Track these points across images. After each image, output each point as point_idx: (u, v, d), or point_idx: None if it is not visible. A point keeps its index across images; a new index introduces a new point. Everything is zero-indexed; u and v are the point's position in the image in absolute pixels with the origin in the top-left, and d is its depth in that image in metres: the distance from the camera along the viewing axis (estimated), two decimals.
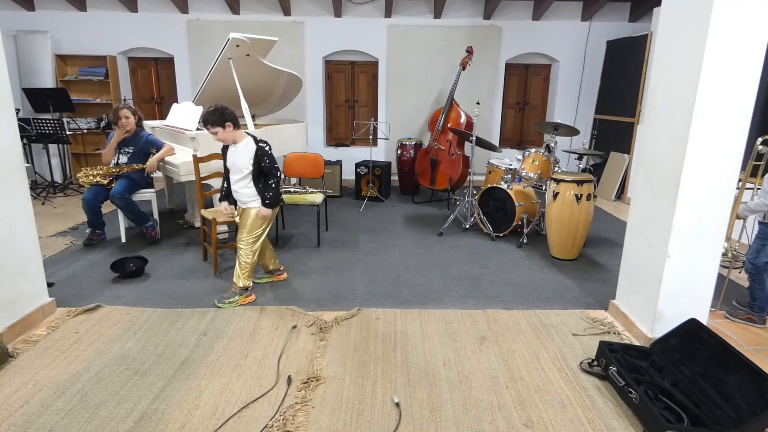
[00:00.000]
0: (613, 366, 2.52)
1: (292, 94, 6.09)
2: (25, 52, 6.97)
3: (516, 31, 7.36)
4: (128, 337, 2.96)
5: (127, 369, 2.64)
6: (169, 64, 7.56)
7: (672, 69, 2.77)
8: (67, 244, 4.61)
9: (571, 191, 4.27)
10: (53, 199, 6.31)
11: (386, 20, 7.27)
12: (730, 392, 2.24)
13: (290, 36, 7.23)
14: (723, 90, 2.54)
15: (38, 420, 2.23)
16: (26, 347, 2.84)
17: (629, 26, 7.32)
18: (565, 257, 4.43)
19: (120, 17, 7.20)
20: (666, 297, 2.86)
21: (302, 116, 7.44)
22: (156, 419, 2.25)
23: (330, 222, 5.47)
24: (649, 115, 2.99)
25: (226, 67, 4.92)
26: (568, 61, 7.52)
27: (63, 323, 3.12)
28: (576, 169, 5.11)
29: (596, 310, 3.45)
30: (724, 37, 2.48)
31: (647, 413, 2.20)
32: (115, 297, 3.51)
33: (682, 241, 2.76)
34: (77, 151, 7.45)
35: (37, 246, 3.16)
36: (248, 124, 4.95)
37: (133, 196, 4.58)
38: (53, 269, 3.96)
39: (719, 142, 2.61)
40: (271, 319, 3.23)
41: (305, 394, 2.45)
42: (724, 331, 3.17)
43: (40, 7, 7.11)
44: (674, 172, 2.71)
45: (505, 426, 2.26)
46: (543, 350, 2.91)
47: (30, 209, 3.10)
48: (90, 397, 2.39)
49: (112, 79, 7.24)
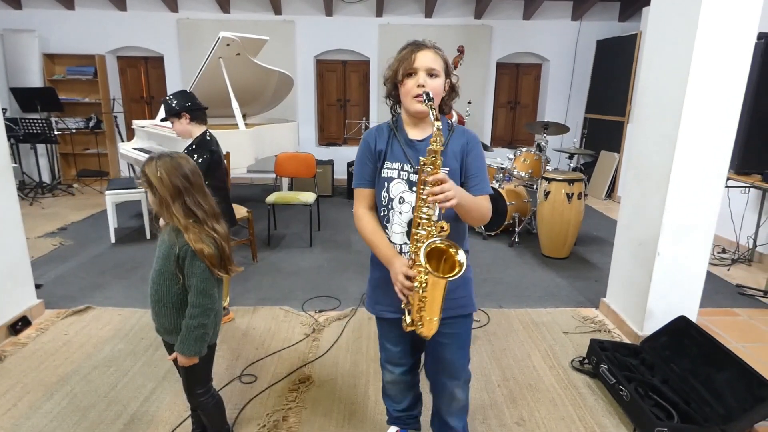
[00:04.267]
0: (604, 364, 2.53)
1: (283, 93, 6.06)
2: (12, 51, 6.88)
3: (507, 31, 7.38)
4: (118, 339, 2.94)
5: (117, 371, 2.62)
6: (159, 63, 7.50)
7: (661, 68, 2.79)
8: (55, 245, 4.56)
9: (562, 190, 4.29)
10: (41, 200, 6.25)
11: (377, 19, 7.26)
12: (719, 389, 2.26)
13: (281, 35, 7.20)
14: (712, 89, 2.56)
15: (26, 423, 2.20)
16: (14, 349, 2.81)
17: (619, 26, 7.36)
18: (557, 256, 4.45)
19: (109, 16, 7.13)
20: (656, 295, 2.88)
21: (293, 116, 7.40)
22: (146, 422, 2.23)
23: (322, 222, 5.46)
24: (639, 114, 3.01)
25: (216, 66, 4.88)
26: (558, 60, 7.56)
27: (52, 325, 3.09)
28: (567, 168, 5.14)
29: (587, 309, 3.47)
30: (713, 37, 2.49)
31: (638, 410, 2.21)
32: (105, 298, 3.48)
33: (671, 240, 2.78)
34: (66, 151, 7.37)
35: (24, 247, 3.13)
36: (239, 123, 4.92)
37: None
38: (41, 270, 3.91)
39: (708, 140, 2.63)
40: (263, 319, 3.22)
41: (297, 395, 2.44)
42: (713, 329, 3.20)
43: (27, 6, 7.02)
44: (664, 171, 2.73)
45: (497, 424, 2.26)
46: (534, 349, 2.92)
47: (17, 210, 3.06)
48: (79, 400, 2.37)
49: (101, 79, 7.17)
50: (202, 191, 1.75)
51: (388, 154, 1.64)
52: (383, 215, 1.66)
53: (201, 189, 1.74)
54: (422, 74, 1.52)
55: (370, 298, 1.82)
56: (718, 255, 4.54)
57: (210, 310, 1.73)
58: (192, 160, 1.77)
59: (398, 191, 1.62)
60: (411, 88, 1.53)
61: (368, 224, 1.67)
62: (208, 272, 1.70)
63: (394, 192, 1.62)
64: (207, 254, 1.67)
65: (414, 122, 1.64)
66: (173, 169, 1.67)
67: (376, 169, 1.66)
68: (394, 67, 1.59)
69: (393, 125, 1.67)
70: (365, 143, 1.68)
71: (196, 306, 1.71)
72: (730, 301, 3.64)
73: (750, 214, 4.49)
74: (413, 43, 1.58)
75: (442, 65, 1.56)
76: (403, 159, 1.60)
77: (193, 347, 1.73)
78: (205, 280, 1.70)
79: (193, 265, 1.68)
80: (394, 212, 1.63)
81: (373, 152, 1.65)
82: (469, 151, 1.62)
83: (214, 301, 1.74)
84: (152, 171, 1.67)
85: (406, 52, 1.55)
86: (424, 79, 1.52)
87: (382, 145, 1.65)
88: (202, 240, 1.68)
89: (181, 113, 2.94)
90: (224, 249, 1.75)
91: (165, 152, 1.74)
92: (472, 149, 1.62)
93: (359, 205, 1.70)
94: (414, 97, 1.53)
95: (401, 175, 1.61)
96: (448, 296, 1.50)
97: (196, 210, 1.70)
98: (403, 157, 1.60)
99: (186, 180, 1.69)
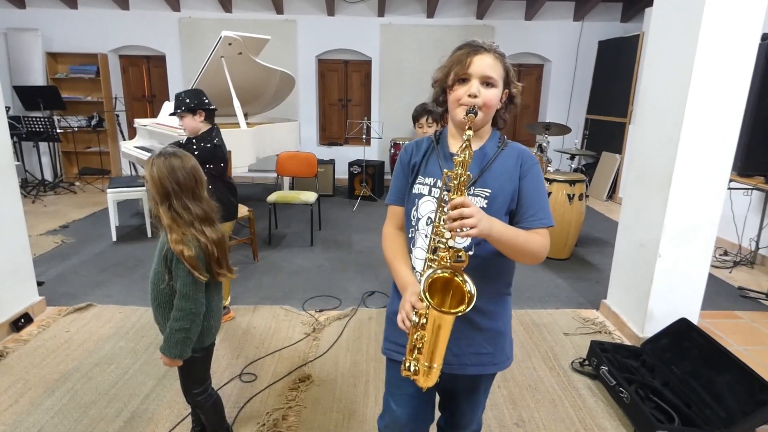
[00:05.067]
0: (605, 366, 2.53)
1: (284, 92, 6.07)
2: (15, 50, 6.90)
3: (508, 31, 7.37)
4: (119, 337, 2.94)
5: (117, 368, 2.62)
6: (161, 62, 7.51)
7: (663, 69, 2.78)
8: (57, 242, 4.57)
9: (564, 191, 4.28)
10: (43, 198, 6.26)
11: (379, 19, 7.26)
12: (720, 392, 2.25)
13: (283, 34, 7.20)
14: (714, 90, 2.56)
15: (28, 419, 2.21)
16: (16, 346, 2.81)
17: (621, 26, 7.35)
18: (557, 257, 4.45)
19: (111, 15, 7.13)
20: (657, 297, 2.87)
21: (295, 115, 7.41)
22: (146, 419, 2.24)
23: (323, 221, 5.46)
24: (641, 116, 3.00)
25: (218, 65, 4.89)
26: (560, 61, 7.55)
27: (53, 322, 3.09)
28: (568, 169, 5.13)
29: (588, 310, 3.47)
30: (716, 38, 2.49)
31: (638, 413, 2.21)
32: (106, 296, 3.48)
33: (673, 241, 2.78)
34: (68, 149, 7.38)
35: (26, 244, 3.13)
36: (240, 122, 4.92)
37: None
38: (43, 268, 3.92)
39: (710, 142, 2.63)
40: (263, 318, 3.22)
41: (297, 394, 2.44)
42: (714, 331, 3.19)
43: (30, 5, 7.03)
44: (665, 172, 2.72)
45: (497, 425, 2.26)
46: (535, 350, 2.92)
47: (20, 207, 3.06)
48: (80, 397, 2.37)
49: (103, 77, 7.18)
50: (192, 195, 1.72)
51: (422, 167, 1.41)
52: (410, 237, 1.42)
53: (192, 192, 1.72)
54: (476, 82, 1.29)
55: (385, 334, 1.53)
56: (720, 257, 4.53)
57: (194, 314, 1.71)
58: (193, 160, 1.76)
59: (427, 210, 1.36)
60: (460, 96, 1.30)
61: (390, 245, 1.45)
62: (191, 276, 1.68)
63: (423, 211, 1.37)
64: (186, 256, 1.65)
65: (459, 133, 1.37)
66: (167, 170, 1.67)
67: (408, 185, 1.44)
68: (446, 68, 1.34)
69: (435, 136, 1.45)
70: (403, 154, 1.48)
71: (178, 309, 1.69)
72: (732, 304, 3.63)
73: (752, 216, 4.48)
74: (470, 44, 1.33)
75: (501, 73, 1.32)
76: (438, 173, 1.35)
77: (174, 350, 1.72)
78: (188, 284, 1.68)
79: (178, 268, 1.68)
80: (419, 234, 1.38)
81: (407, 165, 1.44)
82: (524, 174, 1.35)
83: (199, 305, 1.72)
84: (148, 169, 1.69)
85: (461, 54, 1.31)
86: (478, 88, 1.28)
87: (417, 158, 1.43)
88: (184, 242, 1.66)
89: (197, 110, 2.97)
90: (212, 253, 1.73)
91: (168, 150, 1.74)
92: (528, 171, 1.35)
93: (388, 223, 1.51)
94: (461, 106, 1.30)
95: (432, 192, 1.36)
96: (469, 347, 1.34)
97: (183, 213, 1.68)
98: (438, 171, 1.35)
99: (176, 183, 1.68)
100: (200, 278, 1.70)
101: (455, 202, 1.14)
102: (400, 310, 1.25)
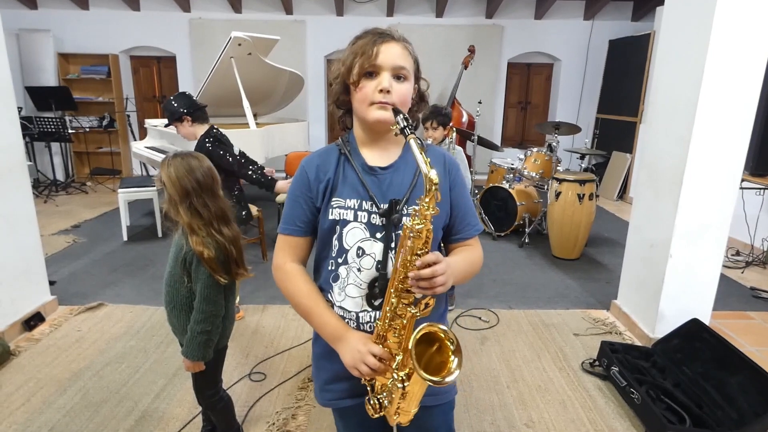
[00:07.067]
0: (615, 366, 2.51)
1: (293, 93, 6.09)
2: (27, 50, 6.98)
3: (518, 31, 7.34)
4: (130, 336, 2.96)
5: (128, 367, 2.64)
6: (171, 63, 7.56)
7: (675, 68, 2.76)
8: (69, 242, 4.61)
9: (573, 191, 4.26)
10: (55, 197, 6.32)
11: (388, 19, 7.25)
12: (732, 393, 2.23)
13: (292, 35, 7.22)
14: (726, 89, 2.53)
15: (39, 418, 2.23)
16: (28, 345, 2.84)
17: (632, 25, 7.30)
18: (567, 257, 4.42)
19: (122, 16, 7.19)
20: (668, 297, 2.85)
21: (304, 115, 7.43)
22: (157, 418, 2.25)
23: None
24: (652, 115, 2.98)
25: (227, 65, 4.91)
26: (570, 60, 7.51)
27: (65, 321, 3.12)
28: (578, 168, 5.11)
29: (598, 310, 3.44)
30: (728, 36, 2.46)
31: (649, 414, 2.19)
32: (117, 295, 3.51)
33: (684, 242, 2.75)
34: (79, 150, 7.46)
35: (38, 244, 3.16)
36: (250, 122, 4.95)
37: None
38: (55, 267, 3.96)
39: (722, 141, 2.60)
40: (273, 317, 3.23)
41: (306, 394, 2.44)
42: (726, 332, 3.16)
43: (42, 6, 7.11)
44: (677, 172, 2.70)
45: (507, 426, 2.25)
46: (544, 350, 2.90)
47: (32, 207, 3.10)
48: (91, 396, 2.39)
49: (114, 78, 7.24)
50: (211, 193, 1.75)
51: (338, 187, 1.15)
52: (331, 270, 1.19)
53: (210, 191, 1.75)
54: (386, 75, 1.08)
55: (318, 382, 1.32)
56: (731, 257, 4.48)
57: (214, 317, 1.73)
58: (208, 161, 1.79)
59: (356, 239, 1.14)
60: (370, 93, 1.09)
61: (303, 285, 1.21)
62: (212, 279, 1.69)
63: (350, 240, 1.14)
64: (206, 257, 1.67)
65: (372, 139, 1.17)
66: (185, 170, 1.69)
67: (314, 211, 1.19)
68: (347, 62, 1.11)
69: (344, 146, 1.19)
70: (301, 173, 1.19)
71: (200, 312, 1.71)
72: (744, 304, 3.59)
73: (765, 216, 4.43)
74: (374, 31, 1.11)
75: (412, 65, 1.13)
76: (361, 193, 1.13)
77: (197, 352, 1.74)
78: (209, 286, 1.70)
79: (199, 271, 1.69)
80: (350, 269, 1.15)
81: (310, 186, 1.17)
82: (453, 183, 1.20)
83: (219, 307, 1.74)
84: (165, 170, 1.70)
85: (366, 43, 1.08)
86: (390, 82, 1.08)
87: (329, 175, 1.16)
88: (204, 243, 1.68)
89: (183, 117, 2.95)
90: (230, 252, 1.74)
91: (182, 152, 1.76)
92: (456, 178, 1.21)
93: (286, 257, 1.25)
94: (372, 105, 1.09)
95: (359, 216, 1.13)
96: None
97: (202, 211, 1.70)
98: (362, 191, 1.13)
99: (196, 182, 1.70)
100: (220, 280, 1.71)
101: (427, 260, 0.99)
102: (358, 366, 1.09)
